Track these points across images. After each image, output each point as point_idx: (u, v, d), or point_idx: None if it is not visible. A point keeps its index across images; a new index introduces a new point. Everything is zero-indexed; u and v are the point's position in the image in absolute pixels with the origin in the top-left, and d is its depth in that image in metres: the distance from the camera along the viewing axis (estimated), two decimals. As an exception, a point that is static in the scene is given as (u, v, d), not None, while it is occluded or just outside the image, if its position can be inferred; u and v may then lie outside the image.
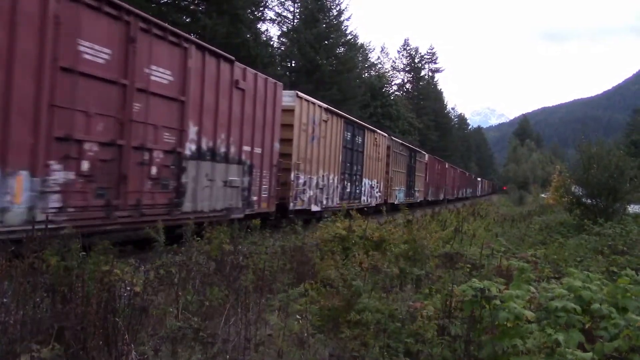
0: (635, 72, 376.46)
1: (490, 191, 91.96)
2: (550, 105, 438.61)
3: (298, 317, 4.15)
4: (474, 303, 3.38)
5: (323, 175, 16.10)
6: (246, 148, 11.09)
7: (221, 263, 5.38)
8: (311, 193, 15.14)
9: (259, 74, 11.79)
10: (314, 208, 15.46)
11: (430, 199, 35.31)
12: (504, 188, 79.12)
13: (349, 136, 18.46)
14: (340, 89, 36.57)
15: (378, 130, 22.88)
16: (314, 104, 15.18)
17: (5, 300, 3.45)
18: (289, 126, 13.54)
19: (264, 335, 3.62)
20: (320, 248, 7.24)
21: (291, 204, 13.72)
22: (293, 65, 37.13)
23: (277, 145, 12.63)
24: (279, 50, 36.20)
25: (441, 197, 40.13)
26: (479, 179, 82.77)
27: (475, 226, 14.06)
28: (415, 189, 30.53)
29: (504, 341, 3.19)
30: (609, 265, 7.37)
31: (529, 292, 3.86)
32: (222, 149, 10.19)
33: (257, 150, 11.61)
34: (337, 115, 17.39)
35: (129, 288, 3.83)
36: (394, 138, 26.18)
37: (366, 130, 20.70)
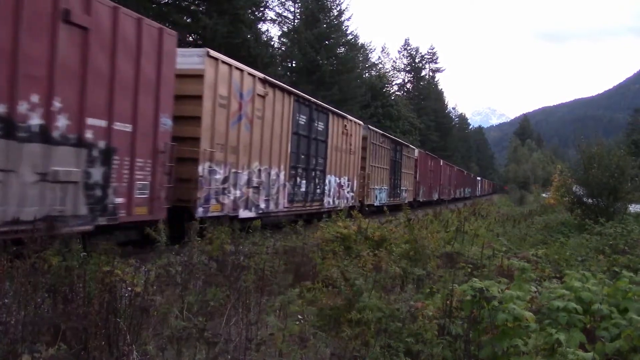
0: (635, 72, 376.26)
1: (491, 191, 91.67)
2: (551, 105, 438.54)
3: (299, 317, 4.16)
4: (473, 303, 3.39)
5: (260, 170, 12.03)
6: (95, 122, 7.29)
7: (222, 263, 5.38)
8: (238, 193, 11.16)
9: (125, 9, 7.91)
10: (245, 214, 11.44)
11: (421, 200, 31.72)
12: (505, 188, 79.03)
13: (303, 119, 14.32)
14: (341, 89, 36.58)
15: (349, 116, 18.59)
16: (241, 70, 11.10)
17: (6, 300, 3.45)
18: (196, 98, 9.73)
19: (265, 335, 3.63)
20: (321, 248, 7.25)
21: (199, 209, 9.75)
22: (293, 65, 37.14)
23: (166, 121, 8.74)
24: (280, 51, 36.20)
25: (435, 197, 36.60)
26: (478, 178, 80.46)
27: (477, 226, 14.05)
28: (402, 188, 26.95)
29: (504, 341, 3.19)
30: (611, 265, 7.37)
31: (530, 292, 3.87)
32: (34, 120, 6.38)
33: (123, 126, 7.81)
34: (283, 90, 13.14)
35: (130, 288, 3.83)
36: (372, 127, 21.94)
37: (330, 114, 16.27)
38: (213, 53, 10.15)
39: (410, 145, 30.81)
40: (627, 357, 3.24)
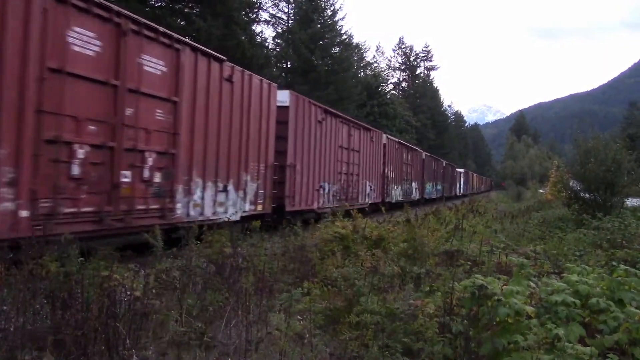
0: (630, 66, 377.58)
1: (483, 189, 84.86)
2: (546, 100, 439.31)
3: (299, 317, 4.15)
4: (473, 300, 3.39)
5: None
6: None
7: (221, 266, 5.37)
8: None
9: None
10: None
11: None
12: (503, 184, 78.81)
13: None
14: (337, 89, 36.57)
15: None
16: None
17: (5, 307, 3.44)
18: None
19: (265, 337, 3.62)
20: (320, 248, 7.24)
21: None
22: (288, 66, 37.14)
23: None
24: (274, 52, 36.19)
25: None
26: (460, 170, 55.45)
27: (474, 223, 14.06)
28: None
29: (504, 338, 3.19)
30: (609, 259, 7.37)
31: (529, 287, 3.87)
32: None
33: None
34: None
35: (129, 293, 3.82)
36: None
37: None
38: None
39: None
40: (626, 350, 3.25)
